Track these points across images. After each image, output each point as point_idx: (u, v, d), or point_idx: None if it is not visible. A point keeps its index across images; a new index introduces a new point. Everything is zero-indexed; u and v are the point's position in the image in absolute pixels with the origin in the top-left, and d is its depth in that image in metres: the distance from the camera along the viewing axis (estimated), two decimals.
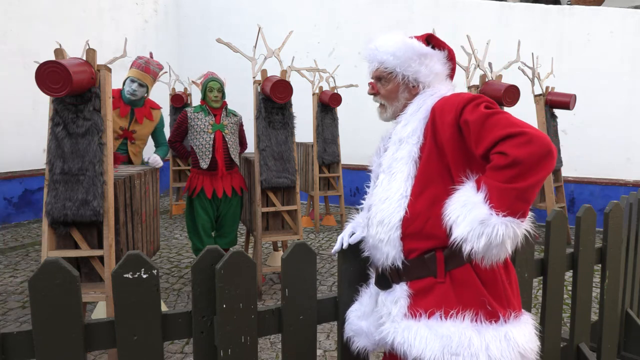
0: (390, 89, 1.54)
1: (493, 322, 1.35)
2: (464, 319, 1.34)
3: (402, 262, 1.43)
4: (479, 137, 1.28)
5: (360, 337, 1.57)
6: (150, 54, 4.14)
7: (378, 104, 1.61)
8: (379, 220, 1.46)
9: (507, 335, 1.33)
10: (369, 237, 1.52)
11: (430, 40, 1.56)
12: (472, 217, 1.27)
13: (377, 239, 1.47)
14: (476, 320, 1.35)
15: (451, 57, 1.56)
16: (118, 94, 3.80)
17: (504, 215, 1.24)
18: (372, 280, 1.59)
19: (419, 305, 1.40)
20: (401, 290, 1.44)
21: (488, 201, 1.26)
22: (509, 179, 1.22)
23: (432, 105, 1.44)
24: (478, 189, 1.29)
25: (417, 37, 1.55)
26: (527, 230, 1.31)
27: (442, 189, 1.38)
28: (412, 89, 1.52)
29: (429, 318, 1.37)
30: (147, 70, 3.77)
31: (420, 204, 1.40)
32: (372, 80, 1.59)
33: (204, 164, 3.83)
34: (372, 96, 1.61)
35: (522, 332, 1.37)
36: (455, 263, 1.38)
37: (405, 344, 1.37)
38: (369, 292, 1.60)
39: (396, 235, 1.43)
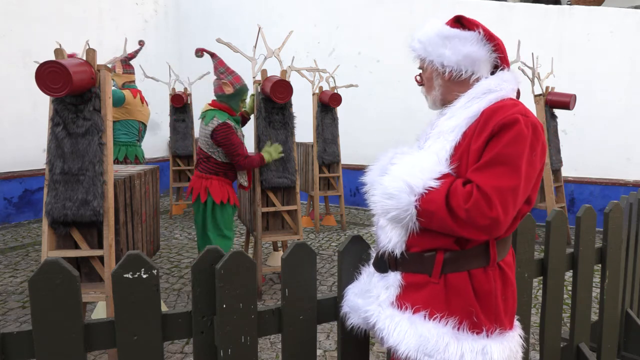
0: (427, 77, 1.50)
1: (475, 333, 1.35)
2: (446, 324, 1.34)
3: (401, 253, 1.41)
4: (480, 167, 1.28)
5: (356, 314, 1.54)
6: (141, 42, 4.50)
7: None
8: None
9: (485, 349, 1.33)
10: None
11: (461, 21, 1.46)
12: (406, 184, 1.30)
13: (387, 221, 1.43)
14: (458, 328, 1.34)
15: (489, 38, 1.42)
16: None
17: (419, 212, 1.30)
18: (372, 261, 1.58)
19: (408, 299, 1.39)
20: (394, 279, 1.43)
21: (426, 192, 1.29)
22: (453, 211, 1.26)
23: (486, 106, 1.35)
24: (447, 182, 1.30)
25: (447, 22, 1.48)
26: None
27: None
28: (443, 76, 1.44)
29: (413, 313, 1.37)
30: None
31: None
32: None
33: (245, 182, 3.68)
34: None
35: (501, 348, 1.36)
36: (454, 268, 1.37)
37: (384, 330, 1.38)
38: (368, 271, 1.59)
39: None
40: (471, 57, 1.41)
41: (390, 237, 1.42)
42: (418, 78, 1.55)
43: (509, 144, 1.27)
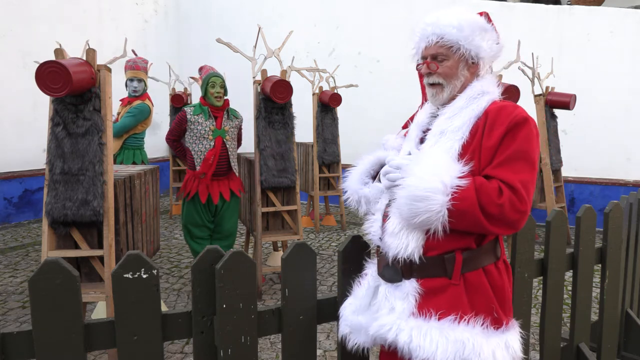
0: (450, 65, 1.43)
1: (496, 328, 1.35)
2: (475, 324, 1.32)
3: (419, 258, 1.36)
4: (502, 163, 1.31)
5: (359, 334, 1.47)
6: (133, 51, 4.76)
7: (431, 85, 1.47)
8: None
9: (507, 342, 1.35)
10: (391, 224, 1.41)
11: (487, 19, 1.49)
12: (442, 183, 1.27)
13: (401, 226, 1.37)
14: (484, 327, 1.33)
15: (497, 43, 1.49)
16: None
17: (451, 212, 1.27)
18: (370, 272, 1.54)
19: (430, 305, 1.34)
20: (411, 287, 1.37)
21: (456, 193, 1.27)
22: (484, 208, 1.27)
23: (486, 106, 1.39)
24: (472, 180, 1.30)
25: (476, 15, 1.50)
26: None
27: None
28: (471, 67, 1.44)
29: (439, 320, 1.32)
30: (137, 67, 4.56)
31: None
32: (425, 60, 1.47)
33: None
34: (427, 76, 1.47)
35: (515, 338, 1.38)
36: (471, 266, 1.37)
37: (412, 343, 1.31)
38: (366, 285, 1.51)
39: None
40: (497, 56, 1.46)
41: (406, 243, 1.35)
42: (433, 66, 1.44)
43: (524, 140, 1.32)
